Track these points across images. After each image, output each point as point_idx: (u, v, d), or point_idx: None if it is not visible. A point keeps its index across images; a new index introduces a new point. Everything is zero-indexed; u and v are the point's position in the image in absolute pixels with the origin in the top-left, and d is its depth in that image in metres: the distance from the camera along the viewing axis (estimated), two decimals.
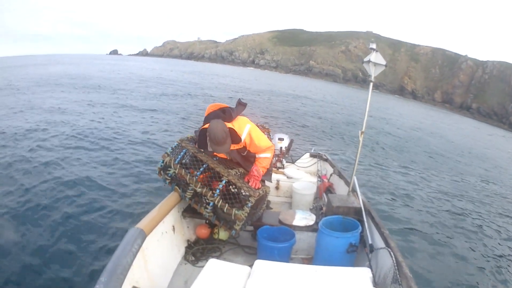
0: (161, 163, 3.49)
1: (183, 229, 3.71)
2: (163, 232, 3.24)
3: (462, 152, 19.15)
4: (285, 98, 27.87)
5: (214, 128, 3.09)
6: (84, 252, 4.31)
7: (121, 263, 2.19)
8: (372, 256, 2.94)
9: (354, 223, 3.27)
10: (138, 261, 2.53)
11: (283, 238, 3.39)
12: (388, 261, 2.65)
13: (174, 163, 3.40)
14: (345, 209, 3.52)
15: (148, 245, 2.83)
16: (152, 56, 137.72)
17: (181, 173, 3.36)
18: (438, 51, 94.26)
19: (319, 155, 6.11)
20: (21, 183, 6.04)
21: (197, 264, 3.39)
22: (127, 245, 2.37)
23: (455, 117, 49.86)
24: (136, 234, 2.53)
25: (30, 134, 9.10)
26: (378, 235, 3.14)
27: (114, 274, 2.08)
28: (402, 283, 2.34)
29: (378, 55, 3.72)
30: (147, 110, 15.03)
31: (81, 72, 34.06)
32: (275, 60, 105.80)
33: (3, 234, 4.52)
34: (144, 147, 9.28)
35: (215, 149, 3.22)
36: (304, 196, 4.82)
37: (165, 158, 3.45)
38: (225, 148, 3.22)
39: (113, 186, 6.40)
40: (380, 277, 2.75)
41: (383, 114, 28.25)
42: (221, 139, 3.11)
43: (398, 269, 2.45)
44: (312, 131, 15.65)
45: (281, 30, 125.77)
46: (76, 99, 15.75)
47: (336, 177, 5.16)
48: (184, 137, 3.68)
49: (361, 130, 3.84)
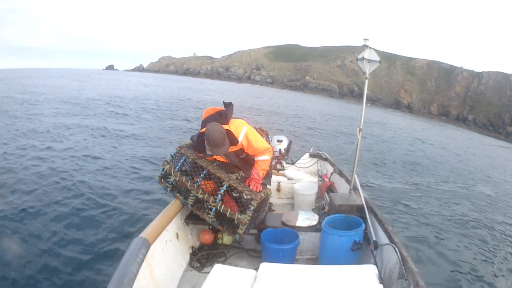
0: (161, 171, 3.48)
1: (186, 236, 3.70)
2: (167, 240, 3.24)
3: (459, 160, 19.20)
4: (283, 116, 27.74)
5: (212, 130, 3.10)
6: (89, 262, 4.30)
7: (127, 273, 2.19)
8: (377, 253, 2.94)
9: (357, 220, 3.28)
10: (143, 270, 2.52)
11: (287, 239, 3.39)
12: (393, 257, 2.65)
13: (174, 171, 3.39)
14: (348, 207, 3.52)
15: (153, 253, 2.82)
16: (148, 71, 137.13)
17: (181, 180, 3.35)
18: (433, 64, 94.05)
19: (318, 154, 6.11)
20: (23, 192, 6.04)
21: (202, 270, 3.38)
22: (132, 254, 2.37)
23: (449, 130, 49.81)
24: (141, 244, 2.53)
25: (32, 141, 9.10)
26: (382, 232, 3.14)
27: (120, 284, 2.07)
28: (409, 278, 2.34)
29: (371, 51, 3.74)
30: (146, 121, 15.05)
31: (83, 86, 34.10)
32: (271, 75, 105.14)
33: (7, 242, 4.51)
34: (144, 157, 9.28)
35: (214, 151, 3.21)
36: (306, 196, 4.82)
37: (165, 166, 3.43)
38: (224, 149, 3.21)
39: (115, 194, 6.40)
40: (386, 273, 2.76)
41: (380, 129, 27.97)
42: (219, 140, 3.10)
43: (403, 264, 2.45)
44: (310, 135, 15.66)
45: (277, 46, 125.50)
46: (79, 113, 15.74)
47: (336, 175, 5.17)
48: (182, 144, 3.68)
49: (359, 127, 3.85)
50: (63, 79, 47.27)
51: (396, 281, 2.46)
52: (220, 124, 3.21)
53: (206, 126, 3.19)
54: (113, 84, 43.46)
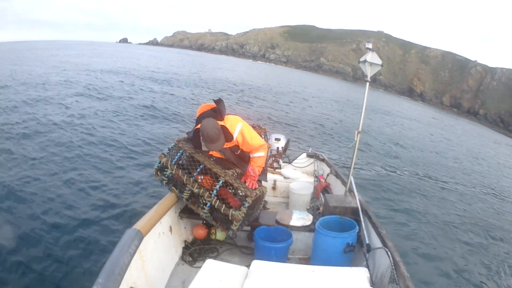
0: (158, 164, 3.47)
1: (180, 230, 3.70)
2: (160, 232, 3.24)
3: (464, 156, 19.25)
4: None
5: (206, 126, 3.11)
6: (81, 253, 4.29)
7: (119, 264, 2.18)
8: (370, 256, 2.95)
9: (351, 223, 3.28)
10: (135, 262, 2.52)
11: (280, 238, 3.39)
12: (385, 261, 2.66)
13: (171, 164, 3.38)
14: (342, 209, 3.52)
15: (145, 245, 2.82)
16: (162, 45, 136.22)
17: (178, 174, 3.35)
18: (448, 55, 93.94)
19: (315, 155, 6.12)
20: (13, 182, 6.00)
21: (194, 264, 3.38)
22: (124, 245, 2.37)
23: (461, 123, 49.86)
24: (134, 235, 2.52)
25: (21, 128, 9.04)
26: (375, 235, 3.15)
27: (111, 275, 2.07)
28: (400, 283, 2.35)
29: (374, 54, 3.74)
30: (146, 107, 14.94)
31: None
32: (285, 55, 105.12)
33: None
34: (141, 147, 9.24)
35: (209, 147, 3.22)
36: (301, 196, 4.82)
37: (162, 158, 3.43)
38: (219, 145, 3.21)
39: (110, 186, 6.37)
40: (377, 277, 2.76)
41: (393, 116, 27.80)
42: (214, 136, 3.11)
43: (395, 269, 2.46)
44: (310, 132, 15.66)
45: (293, 26, 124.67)
46: (74, 92, 15.61)
47: (333, 177, 5.17)
48: (181, 138, 3.67)
49: (358, 130, 3.85)
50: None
51: (387, 285, 2.47)
52: (215, 120, 3.21)
53: (201, 122, 3.19)
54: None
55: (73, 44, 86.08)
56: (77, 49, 52.59)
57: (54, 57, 34.11)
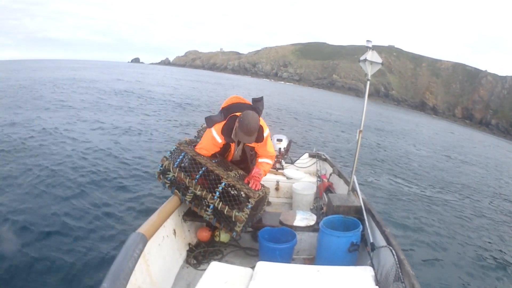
0: (160, 167, 3.48)
1: (184, 233, 3.70)
2: (164, 236, 3.24)
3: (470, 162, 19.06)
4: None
5: (251, 118, 3.14)
6: (86, 257, 4.29)
7: (123, 268, 2.18)
8: (374, 255, 2.94)
9: (355, 222, 3.28)
10: (140, 265, 2.52)
11: (285, 239, 3.38)
12: (390, 259, 2.65)
13: (173, 167, 3.39)
14: (346, 208, 3.52)
15: (150, 249, 2.82)
16: (174, 65, 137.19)
17: (180, 176, 3.35)
18: (458, 66, 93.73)
19: (318, 155, 6.11)
20: (18, 185, 6.03)
21: (199, 267, 3.38)
22: (129, 250, 2.37)
23: (475, 134, 49.39)
24: (138, 239, 2.53)
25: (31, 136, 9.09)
26: (379, 234, 3.14)
27: (116, 279, 2.07)
28: (405, 281, 2.34)
29: (374, 53, 3.74)
30: (149, 115, 15.02)
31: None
32: (298, 73, 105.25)
33: (4, 238, 4.51)
34: (143, 151, 9.27)
35: (243, 138, 3.23)
36: (304, 196, 4.82)
37: (164, 162, 3.44)
38: (252, 139, 3.26)
39: (113, 190, 6.39)
40: (382, 275, 2.76)
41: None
42: (253, 130, 3.16)
43: (400, 267, 2.45)
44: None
45: (304, 43, 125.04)
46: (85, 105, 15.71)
47: (335, 176, 5.16)
48: (182, 141, 3.68)
49: (359, 129, 3.85)
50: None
51: (392, 284, 2.46)
52: (257, 116, 3.27)
53: (243, 111, 3.22)
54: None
55: (89, 63, 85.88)
56: (120, 74, 50.82)
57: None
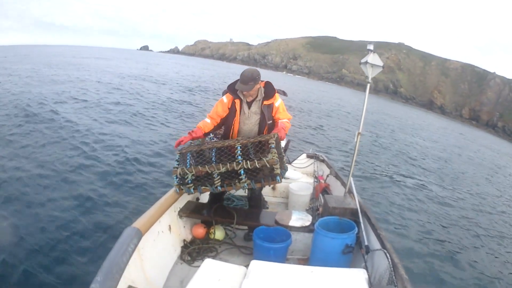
0: (175, 179, 3.39)
1: (179, 229, 3.70)
2: (159, 231, 3.24)
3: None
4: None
5: (247, 69, 3.64)
6: (80, 251, 4.29)
7: (117, 263, 2.18)
8: (368, 258, 2.95)
9: (350, 224, 3.28)
10: (134, 260, 2.52)
11: (279, 238, 3.38)
12: (384, 263, 2.66)
13: (186, 168, 3.33)
14: (342, 210, 3.52)
15: (144, 244, 2.82)
16: (183, 54, 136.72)
17: (198, 170, 3.29)
18: (467, 67, 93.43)
19: (315, 156, 6.12)
20: (14, 179, 6.00)
21: (193, 264, 3.38)
22: (123, 244, 2.37)
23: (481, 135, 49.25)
24: (133, 234, 2.52)
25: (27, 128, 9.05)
26: (374, 237, 3.15)
27: (110, 273, 2.07)
28: (398, 285, 2.35)
29: (375, 56, 3.74)
30: (152, 109, 14.98)
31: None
32: (307, 66, 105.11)
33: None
34: (141, 146, 9.25)
35: (240, 86, 3.56)
36: (301, 196, 4.82)
37: (176, 172, 3.36)
38: (248, 87, 3.54)
39: (109, 185, 6.37)
40: (376, 279, 2.76)
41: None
42: (248, 77, 3.52)
43: (394, 271, 2.46)
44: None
45: (314, 37, 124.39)
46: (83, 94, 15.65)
47: (332, 178, 5.17)
48: (181, 148, 3.64)
49: (358, 131, 3.85)
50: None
51: (386, 287, 2.47)
52: (257, 70, 3.66)
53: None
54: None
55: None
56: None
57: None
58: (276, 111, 3.77)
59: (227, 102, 3.73)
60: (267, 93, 3.72)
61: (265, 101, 3.71)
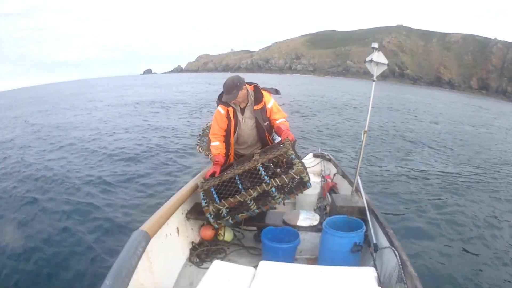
0: (211, 218, 3.33)
1: (187, 231, 3.71)
2: (167, 234, 3.25)
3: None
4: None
5: (228, 79, 3.62)
6: (88, 254, 4.33)
7: (126, 266, 2.19)
8: (377, 256, 2.93)
9: (358, 222, 3.26)
10: (142, 263, 2.53)
11: (287, 238, 3.38)
12: (392, 260, 2.64)
13: (217, 204, 3.29)
14: (349, 209, 3.51)
15: (153, 247, 2.83)
16: (187, 72, 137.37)
17: (231, 202, 3.26)
18: (468, 37, 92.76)
19: (322, 155, 6.10)
20: (22, 182, 6.07)
21: (201, 265, 3.39)
22: (132, 247, 2.38)
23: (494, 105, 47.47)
24: (141, 237, 2.53)
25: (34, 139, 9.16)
26: (382, 235, 3.13)
27: (119, 277, 2.08)
28: (407, 282, 2.33)
29: (380, 54, 3.72)
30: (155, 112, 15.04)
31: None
32: (311, 63, 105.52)
33: (7, 236, 4.55)
34: (148, 149, 9.30)
35: (225, 98, 3.61)
36: (308, 196, 4.80)
37: (208, 210, 3.30)
38: (232, 97, 3.58)
39: (116, 188, 6.42)
40: (385, 276, 2.74)
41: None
42: (229, 87, 3.55)
43: (403, 268, 2.44)
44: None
45: (314, 33, 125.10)
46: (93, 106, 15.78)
47: (339, 177, 5.15)
48: (200, 184, 3.59)
49: (364, 129, 3.83)
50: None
51: (395, 285, 2.45)
52: (239, 77, 3.64)
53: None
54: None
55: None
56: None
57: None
58: (270, 112, 3.83)
59: (224, 112, 3.77)
60: (256, 98, 3.75)
61: (255, 106, 3.75)
